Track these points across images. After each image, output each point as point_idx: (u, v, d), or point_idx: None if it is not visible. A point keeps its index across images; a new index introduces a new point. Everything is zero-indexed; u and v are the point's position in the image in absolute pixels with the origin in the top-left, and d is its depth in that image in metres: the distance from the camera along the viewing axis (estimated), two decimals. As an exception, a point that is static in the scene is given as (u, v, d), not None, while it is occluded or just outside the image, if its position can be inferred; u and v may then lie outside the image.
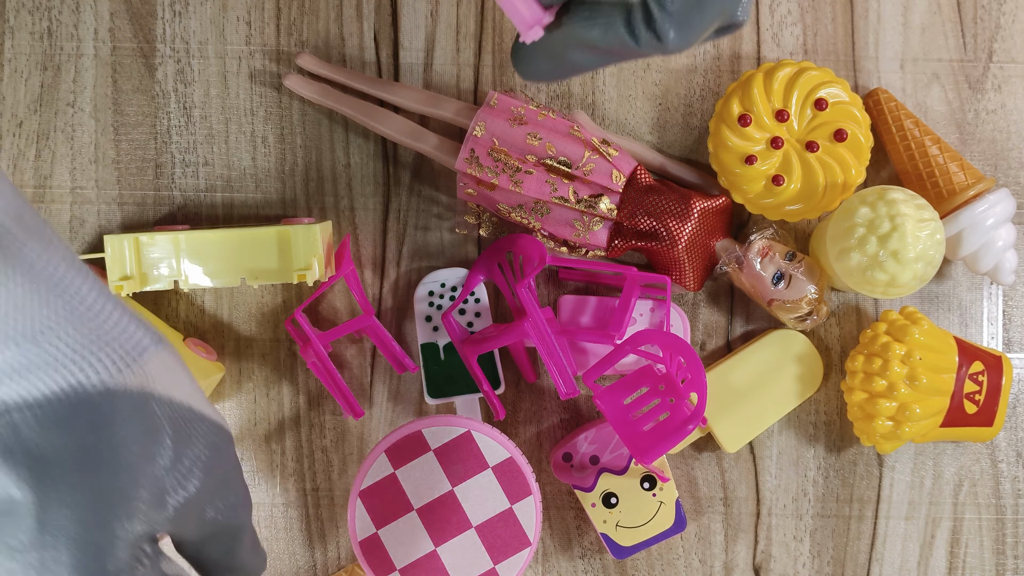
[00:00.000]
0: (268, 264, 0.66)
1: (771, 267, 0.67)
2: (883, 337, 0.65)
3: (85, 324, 0.38)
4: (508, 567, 0.63)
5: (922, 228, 0.62)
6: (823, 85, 0.66)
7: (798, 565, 0.71)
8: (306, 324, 0.68)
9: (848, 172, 0.66)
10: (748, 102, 0.66)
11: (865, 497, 0.71)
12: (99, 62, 0.71)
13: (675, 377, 0.64)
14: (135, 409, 0.38)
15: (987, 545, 0.71)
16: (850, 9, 0.72)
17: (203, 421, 0.42)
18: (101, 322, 0.39)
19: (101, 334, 0.38)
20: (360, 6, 0.72)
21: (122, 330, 0.39)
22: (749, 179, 0.67)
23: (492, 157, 0.66)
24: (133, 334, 0.40)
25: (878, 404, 0.64)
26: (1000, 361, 0.67)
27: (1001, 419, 0.67)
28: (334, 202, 0.71)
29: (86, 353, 0.38)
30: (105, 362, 0.38)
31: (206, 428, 0.42)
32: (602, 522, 0.68)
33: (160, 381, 0.40)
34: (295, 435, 0.71)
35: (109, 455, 0.37)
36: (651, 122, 0.72)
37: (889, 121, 0.69)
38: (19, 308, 0.37)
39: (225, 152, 0.72)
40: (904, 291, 0.64)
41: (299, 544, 0.71)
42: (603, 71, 0.71)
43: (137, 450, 0.38)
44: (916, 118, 0.69)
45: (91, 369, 0.38)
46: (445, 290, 0.70)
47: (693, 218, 0.66)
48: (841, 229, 0.64)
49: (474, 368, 0.67)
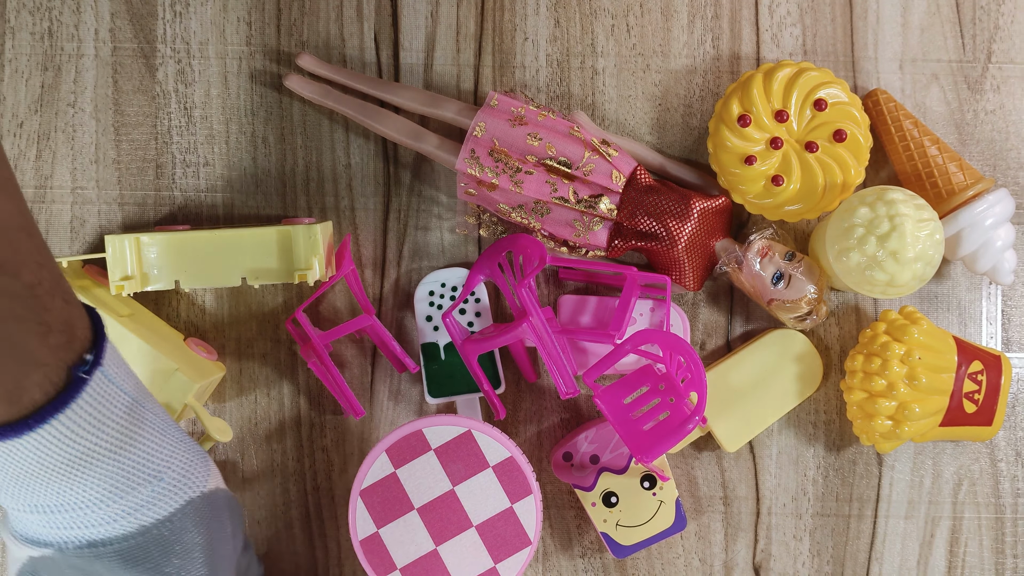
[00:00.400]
0: (269, 264, 0.66)
1: (771, 267, 0.67)
2: (882, 337, 0.65)
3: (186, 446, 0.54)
4: (508, 566, 0.63)
5: (921, 228, 0.62)
6: (822, 86, 0.66)
7: (798, 564, 0.71)
8: (307, 324, 0.68)
9: (847, 172, 0.67)
10: (748, 102, 0.66)
11: (865, 496, 0.71)
12: (100, 62, 0.71)
13: (675, 377, 0.64)
14: (226, 499, 0.56)
15: (986, 544, 0.71)
16: (849, 10, 0.72)
17: (229, 496, 0.57)
18: (188, 441, 0.54)
19: (194, 449, 0.54)
20: (360, 7, 0.72)
21: (195, 444, 0.55)
22: (749, 179, 0.67)
23: (492, 157, 0.66)
24: (197, 445, 0.56)
25: (877, 403, 0.64)
26: (999, 360, 0.67)
27: (1000, 418, 0.67)
28: (334, 202, 0.72)
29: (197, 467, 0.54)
30: (205, 471, 0.54)
31: (232, 500, 0.57)
32: (602, 521, 0.68)
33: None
34: (296, 435, 0.71)
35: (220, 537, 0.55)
36: (651, 122, 0.72)
37: (888, 122, 0.69)
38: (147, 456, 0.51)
39: (226, 152, 0.72)
40: (903, 291, 0.64)
41: (300, 543, 0.71)
42: (603, 72, 0.71)
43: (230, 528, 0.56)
44: (915, 118, 0.69)
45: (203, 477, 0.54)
46: (445, 290, 0.70)
47: (693, 218, 0.67)
48: (841, 229, 0.64)
49: (474, 367, 0.67)
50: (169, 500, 0.51)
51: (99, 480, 0.48)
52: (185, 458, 0.53)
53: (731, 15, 0.72)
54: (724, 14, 0.72)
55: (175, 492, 0.52)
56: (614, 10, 0.72)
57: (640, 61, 0.72)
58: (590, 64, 0.72)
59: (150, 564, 0.51)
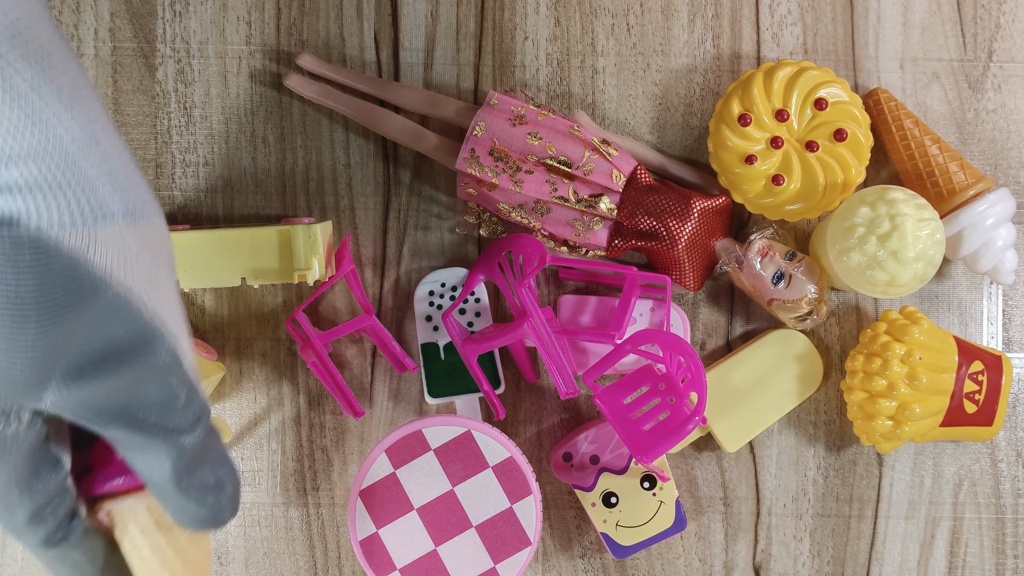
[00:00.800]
0: (268, 264, 0.66)
1: (771, 267, 0.67)
2: (883, 336, 0.65)
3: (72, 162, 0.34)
4: (508, 567, 0.63)
5: (922, 228, 0.62)
6: (823, 85, 0.66)
7: (798, 565, 0.71)
8: (306, 324, 0.68)
9: (848, 172, 0.66)
10: (748, 102, 0.66)
11: (865, 497, 0.71)
12: (99, 62, 0.71)
13: (675, 377, 0.64)
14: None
15: (987, 544, 0.71)
16: (850, 9, 0.72)
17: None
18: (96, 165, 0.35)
19: (85, 178, 0.34)
20: (360, 6, 0.72)
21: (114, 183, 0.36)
22: (749, 179, 0.67)
23: (492, 157, 0.66)
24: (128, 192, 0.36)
25: (878, 403, 0.64)
26: (1000, 361, 0.67)
27: (1001, 419, 0.67)
28: (334, 202, 0.71)
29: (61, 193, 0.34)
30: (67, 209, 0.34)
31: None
32: (602, 521, 0.68)
33: (118, 261, 0.36)
34: (295, 435, 0.71)
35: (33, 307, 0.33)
36: (651, 122, 0.72)
37: (889, 121, 0.69)
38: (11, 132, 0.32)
39: (225, 152, 0.72)
40: (904, 291, 0.64)
41: (299, 544, 0.71)
42: (603, 71, 0.71)
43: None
44: (916, 118, 0.69)
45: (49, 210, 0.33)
46: (445, 290, 0.70)
47: (693, 218, 0.66)
48: (841, 229, 0.64)
49: (474, 368, 0.67)
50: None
51: None
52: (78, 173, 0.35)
53: (731, 14, 0.72)
54: (724, 13, 0.72)
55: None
56: (614, 9, 0.72)
57: (640, 60, 0.72)
58: (590, 63, 0.72)
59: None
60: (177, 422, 0.39)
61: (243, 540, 0.71)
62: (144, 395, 0.38)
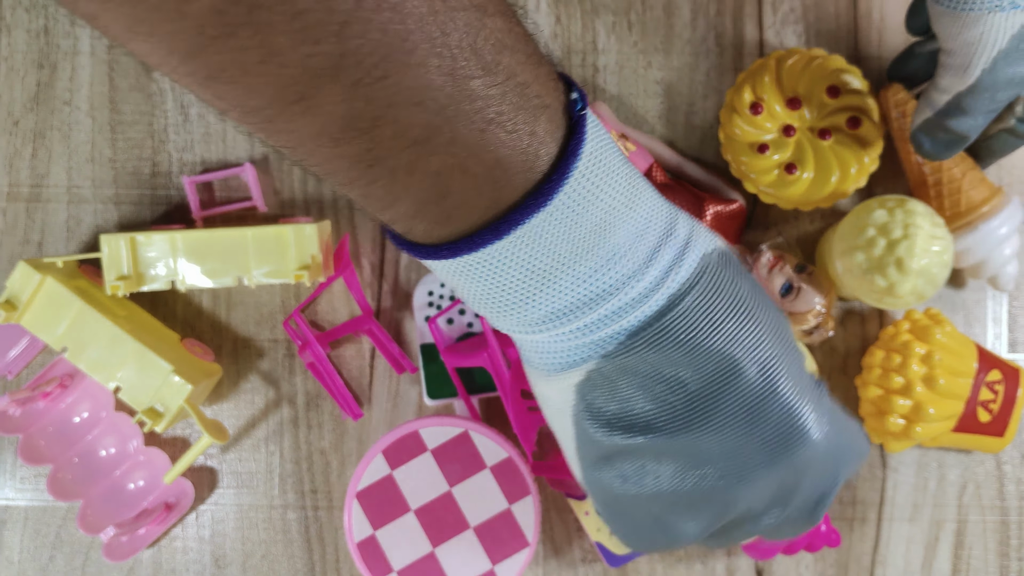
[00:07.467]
0: (266, 264, 0.65)
1: (780, 278, 0.66)
2: (905, 335, 0.64)
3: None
4: (507, 568, 0.63)
5: (933, 243, 0.61)
6: (836, 73, 0.65)
7: (801, 568, 0.70)
8: (304, 325, 0.67)
9: (861, 160, 0.65)
10: (760, 90, 0.65)
11: (868, 499, 0.70)
12: (96, 60, 0.71)
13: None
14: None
15: (991, 548, 0.70)
16: (853, 7, 0.71)
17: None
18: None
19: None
20: (359, 4, 0.71)
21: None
22: (761, 168, 0.66)
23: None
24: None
25: (893, 401, 0.63)
26: (1018, 373, 0.67)
27: (1013, 430, 0.66)
28: (333, 201, 0.71)
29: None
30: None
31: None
32: (596, 530, 0.67)
33: None
34: (293, 436, 0.71)
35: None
36: (653, 120, 0.71)
37: (894, 119, 0.68)
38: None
39: (222, 151, 0.71)
40: (899, 303, 0.63)
41: (297, 546, 0.70)
42: (604, 69, 0.71)
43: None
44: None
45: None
46: (444, 291, 0.70)
47: (705, 221, 0.66)
48: (853, 227, 0.63)
49: (453, 375, 0.67)
50: (689, 259, 0.40)
51: (621, 242, 0.38)
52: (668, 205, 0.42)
53: (734, 12, 0.71)
54: (727, 11, 0.71)
55: (692, 247, 0.41)
56: (615, 7, 0.71)
57: (642, 58, 0.71)
58: (591, 61, 0.71)
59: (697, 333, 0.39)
60: None
61: (240, 543, 0.71)
62: None
